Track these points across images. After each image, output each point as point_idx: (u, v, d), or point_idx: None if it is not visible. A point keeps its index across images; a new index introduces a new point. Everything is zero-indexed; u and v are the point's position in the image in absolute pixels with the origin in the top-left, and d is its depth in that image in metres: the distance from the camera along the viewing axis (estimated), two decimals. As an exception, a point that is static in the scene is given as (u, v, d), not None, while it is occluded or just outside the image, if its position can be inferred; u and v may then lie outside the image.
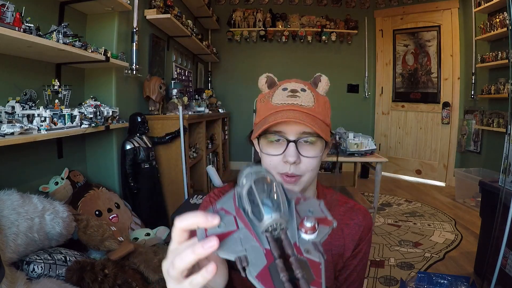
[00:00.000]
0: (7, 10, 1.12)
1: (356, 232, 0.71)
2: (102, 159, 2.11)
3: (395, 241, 2.36)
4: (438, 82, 4.12)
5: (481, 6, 3.23)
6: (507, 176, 1.50)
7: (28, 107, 1.43)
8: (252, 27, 4.56)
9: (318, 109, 0.62)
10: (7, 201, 1.17)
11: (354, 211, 0.73)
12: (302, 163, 0.60)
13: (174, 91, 2.70)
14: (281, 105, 0.60)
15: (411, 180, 4.33)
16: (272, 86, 0.66)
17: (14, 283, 1.02)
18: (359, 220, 0.72)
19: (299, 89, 0.62)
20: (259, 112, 0.65)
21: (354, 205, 0.74)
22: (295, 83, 0.64)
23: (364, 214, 0.73)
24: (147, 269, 1.50)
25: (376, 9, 4.58)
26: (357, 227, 0.71)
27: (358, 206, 0.74)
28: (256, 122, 0.65)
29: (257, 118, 0.65)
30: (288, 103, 0.60)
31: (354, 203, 0.75)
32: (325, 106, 0.65)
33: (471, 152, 3.73)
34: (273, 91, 0.64)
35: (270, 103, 0.62)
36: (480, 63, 3.36)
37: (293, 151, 0.59)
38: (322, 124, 0.61)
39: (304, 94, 0.62)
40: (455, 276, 1.58)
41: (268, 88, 0.66)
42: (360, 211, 0.73)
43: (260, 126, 0.61)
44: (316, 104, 0.62)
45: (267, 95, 0.64)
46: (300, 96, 0.61)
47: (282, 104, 0.60)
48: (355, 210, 0.73)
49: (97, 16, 2.01)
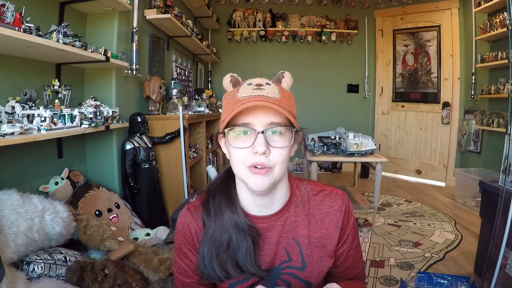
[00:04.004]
0: (7, 10, 1.13)
1: (338, 219, 0.71)
2: (102, 159, 2.10)
3: (395, 241, 2.36)
4: (438, 82, 4.12)
5: (481, 6, 3.22)
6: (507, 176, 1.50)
7: (28, 107, 1.43)
8: (252, 27, 4.56)
9: (284, 100, 0.62)
10: (7, 201, 1.17)
11: (332, 197, 0.73)
12: (272, 154, 0.60)
13: (174, 91, 2.70)
14: (247, 97, 0.60)
15: (411, 180, 4.33)
16: (236, 85, 0.67)
17: (14, 283, 1.02)
18: (339, 206, 0.72)
19: (263, 83, 0.63)
20: (224, 109, 0.65)
21: (331, 191, 0.74)
22: (259, 78, 0.65)
23: (342, 198, 0.73)
24: (147, 269, 1.50)
25: (376, 9, 4.58)
26: (338, 213, 0.71)
27: (335, 191, 0.74)
28: (222, 118, 0.64)
29: (224, 115, 0.64)
30: (254, 95, 0.60)
31: (331, 189, 0.75)
32: (290, 100, 0.65)
33: (471, 152, 3.73)
34: (238, 88, 0.64)
35: (236, 97, 0.62)
36: (480, 63, 3.36)
37: (262, 141, 0.59)
38: (288, 113, 0.61)
39: (269, 87, 0.63)
40: (455, 276, 1.59)
41: (233, 87, 0.66)
42: (338, 196, 0.73)
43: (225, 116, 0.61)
44: (282, 96, 0.62)
45: (233, 92, 0.65)
46: (265, 89, 0.62)
47: (248, 97, 0.60)
48: (333, 196, 0.73)
49: (97, 16, 2.01)
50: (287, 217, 0.70)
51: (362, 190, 3.70)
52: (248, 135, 0.61)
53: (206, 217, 0.69)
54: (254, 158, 0.60)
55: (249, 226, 0.67)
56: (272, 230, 0.69)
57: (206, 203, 0.71)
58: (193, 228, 0.70)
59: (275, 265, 0.70)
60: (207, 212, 0.70)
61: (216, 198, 0.70)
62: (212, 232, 0.68)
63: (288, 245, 0.70)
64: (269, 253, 0.69)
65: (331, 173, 4.72)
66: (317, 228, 0.71)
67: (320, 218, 0.71)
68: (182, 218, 0.73)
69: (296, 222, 0.70)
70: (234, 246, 0.66)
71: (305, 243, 0.70)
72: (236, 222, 0.67)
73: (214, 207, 0.69)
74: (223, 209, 0.68)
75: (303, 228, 0.70)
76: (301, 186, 0.74)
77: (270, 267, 0.69)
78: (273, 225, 0.69)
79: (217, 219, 0.68)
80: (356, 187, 3.38)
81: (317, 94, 4.68)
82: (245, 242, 0.66)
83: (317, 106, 4.66)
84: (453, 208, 3.14)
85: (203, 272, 0.68)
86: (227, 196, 0.70)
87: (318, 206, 0.72)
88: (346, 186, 3.29)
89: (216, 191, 0.72)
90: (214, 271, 0.66)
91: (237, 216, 0.67)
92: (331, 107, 4.72)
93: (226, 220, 0.67)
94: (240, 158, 0.61)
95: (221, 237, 0.67)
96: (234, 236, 0.66)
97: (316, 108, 4.64)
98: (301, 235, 0.70)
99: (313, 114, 4.60)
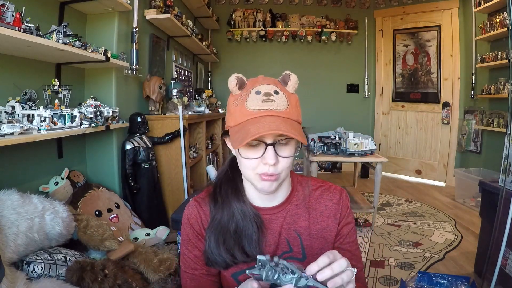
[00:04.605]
0: (7, 10, 1.12)
1: (337, 211, 0.76)
2: (102, 159, 2.10)
3: (395, 241, 2.36)
4: (438, 82, 4.12)
5: (481, 6, 3.23)
6: (507, 176, 1.50)
7: (28, 107, 1.42)
8: (252, 27, 4.56)
9: (292, 110, 0.64)
10: (7, 201, 1.16)
11: (331, 192, 0.77)
12: (280, 163, 0.64)
13: (174, 91, 2.70)
14: (257, 110, 0.62)
15: (411, 180, 4.33)
16: (242, 87, 0.66)
17: (14, 283, 1.02)
18: (337, 199, 0.76)
19: (272, 92, 0.64)
20: (233, 115, 0.65)
21: (329, 186, 0.79)
22: (267, 85, 0.65)
23: (341, 192, 0.77)
24: (147, 269, 1.50)
25: (376, 9, 4.58)
26: (337, 206, 0.76)
27: (333, 187, 0.79)
28: (230, 125, 0.66)
29: (232, 121, 0.66)
30: (264, 109, 0.62)
31: (330, 184, 0.79)
32: (297, 105, 0.67)
33: (471, 152, 3.73)
34: (246, 94, 0.64)
35: (245, 107, 0.63)
36: (480, 63, 3.36)
37: (272, 153, 0.62)
38: (297, 124, 0.65)
39: (278, 97, 0.63)
40: (455, 276, 1.59)
41: (239, 89, 0.66)
42: (336, 190, 0.78)
43: (239, 132, 0.62)
44: (290, 106, 0.64)
45: (240, 98, 0.65)
46: (275, 100, 0.63)
47: (258, 110, 0.62)
48: (331, 190, 0.78)
49: (97, 16, 2.01)
50: (289, 210, 0.74)
51: (362, 190, 3.70)
52: (257, 145, 0.63)
53: (213, 206, 0.73)
54: (264, 168, 0.63)
55: (255, 214, 0.71)
56: (275, 222, 0.73)
57: (213, 194, 0.74)
58: (201, 216, 0.74)
59: (277, 255, 0.72)
60: (214, 202, 0.73)
61: (223, 188, 0.74)
62: (219, 219, 0.71)
63: (289, 236, 0.73)
64: (272, 243, 0.73)
65: (331, 173, 4.72)
66: (316, 221, 0.75)
67: (319, 211, 0.75)
68: (189, 209, 0.75)
69: (297, 215, 0.74)
70: (240, 231, 0.70)
71: (305, 234, 0.74)
72: (243, 210, 0.71)
73: (221, 197, 0.73)
74: (230, 198, 0.72)
75: (303, 220, 0.74)
76: (302, 181, 0.78)
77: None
78: (275, 217, 0.73)
79: (224, 208, 0.71)
80: (356, 187, 3.38)
81: (317, 94, 4.68)
82: (251, 228, 0.69)
83: (317, 106, 4.66)
84: (453, 208, 3.14)
85: (209, 258, 0.70)
86: (234, 186, 0.73)
87: (317, 200, 0.76)
88: (346, 186, 3.29)
89: (222, 181, 0.75)
90: (221, 257, 0.69)
91: (244, 204, 0.71)
92: (331, 107, 4.72)
93: (233, 208, 0.71)
94: (250, 166, 0.64)
95: (228, 224, 0.70)
96: (240, 222, 0.70)
97: (316, 108, 4.64)
98: (302, 227, 0.74)
99: (313, 114, 4.60)
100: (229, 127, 0.67)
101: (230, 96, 0.68)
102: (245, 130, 0.60)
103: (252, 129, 0.59)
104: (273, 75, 0.72)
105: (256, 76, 0.70)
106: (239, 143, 0.59)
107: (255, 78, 0.69)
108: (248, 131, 0.60)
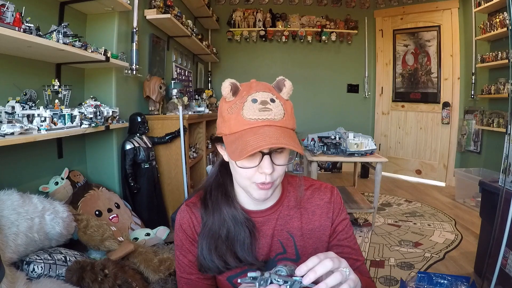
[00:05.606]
0: (7, 10, 1.12)
1: (329, 210, 0.76)
2: (102, 159, 2.10)
3: (395, 241, 2.36)
4: (438, 82, 4.12)
5: (481, 6, 3.22)
6: (507, 176, 1.50)
7: (28, 107, 1.42)
8: (252, 27, 4.56)
9: (288, 118, 0.64)
10: (7, 201, 1.16)
11: (322, 191, 0.77)
12: (275, 171, 0.64)
13: (174, 91, 2.70)
14: (255, 120, 0.61)
15: (411, 180, 4.33)
16: (236, 93, 0.64)
17: (14, 283, 1.02)
18: (328, 198, 0.77)
19: (268, 100, 0.62)
20: (228, 123, 0.63)
21: (320, 185, 0.79)
22: (262, 92, 0.63)
23: (332, 190, 0.78)
24: (147, 269, 1.50)
25: (376, 9, 4.58)
26: (328, 205, 0.76)
27: (324, 185, 0.79)
28: (225, 133, 0.64)
29: (226, 129, 0.64)
30: (262, 119, 0.61)
31: (320, 183, 0.79)
32: (292, 112, 0.67)
33: (471, 152, 3.73)
34: (241, 102, 0.62)
35: (241, 116, 0.61)
36: (480, 63, 3.36)
37: (269, 163, 0.61)
38: (293, 133, 0.65)
39: (274, 105, 0.62)
40: (455, 276, 1.58)
41: (233, 95, 0.64)
42: (327, 189, 0.78)
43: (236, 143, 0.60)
44: (286, 114, 0.64)
45: (235, 106, 0.63)
46: (272, 109, 0.62)
47: (256, 120, 0.61)
48: (322, 189, 0.78)
49: (97, 16, 2.01)
50: (281, 211, 0.74)
51: (362, 190, 3.70)
52: (253, 154, 0.61)
53: (204, 212, 0.72)
54: (261, 177, 0.63)
55: (246, 219, 0.70)
56: (267, 224, 0.73)
57: (203, 200, 0.73)
58: (193, 222, 0.73)
59: (271, 257, 0.73)
60: (204, 208, 0.72)
61: (213, 194, 0.73)
62: (211, 225, 0.70)
63: (282, 238, 0.73)
64: (265, 245, 0.72)
65: (331, 173, 4.72)
66: (309, 221, 0.75)
67: (311, 211, 0.75)
68: (181, 214, 0.74)
69: (289, 216, 0.74)
70: (232, 237, 0.69)
71: (298, 235, 0.74)
72: (233, 215, 0.70)
73: (211, 202, 0.72)
74: (220, 203, 0.71)
75: (296, 221, 0.74)
76: (292, 181, 0.78)
77: (266, 259, 0.73)
78: (268, 219, 0.73)
79: (215, 214, 0.71)
80: (356, 187, 3.38)
81: (317, 94, 4.68)
82: (243, 233, 0.69)
83: (317, 106, 4.66)
84: (453, 208, 3.14)
85: (201, 265, 0.70)
86: (223, 191, 0.73)
87: (309, 199, 0.76)
88: (346, 186, 3.29)
89: (212, 186, 0.74)
90: (214, 263, 0.68)
91: (235, 209, 0.70)
92: (331, 107, 4.72)
93: (224, 214, 0.70)
94: (246, 175, 0.64)
95: (219, 230, 0.69)
96: (232, 227, 0.69)
97: (316, 108, 4.64)
98: (295, 228, 0.74)
99: (313, 114, 4.60)
100: (224, 135, 0.65)
101: (223, 101, 0.66)
102: (243, 141, 0.59)
103: (252, 140, 0.58)
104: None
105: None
106: (239, 156, 0.57)
107: (247, 83, 0.67)
108: (247, 142, 0.58)
